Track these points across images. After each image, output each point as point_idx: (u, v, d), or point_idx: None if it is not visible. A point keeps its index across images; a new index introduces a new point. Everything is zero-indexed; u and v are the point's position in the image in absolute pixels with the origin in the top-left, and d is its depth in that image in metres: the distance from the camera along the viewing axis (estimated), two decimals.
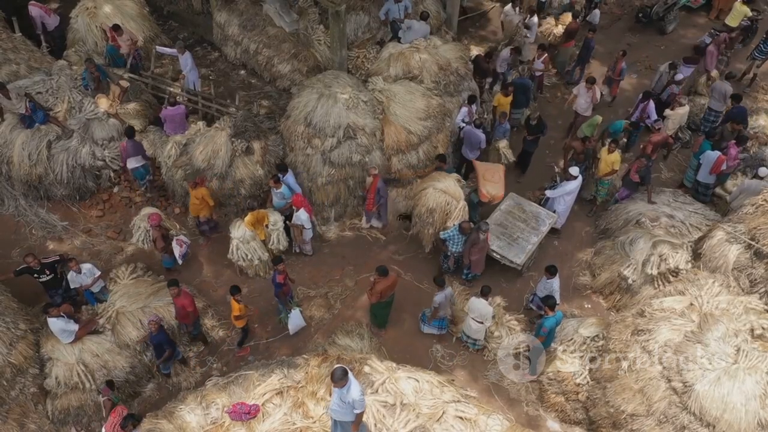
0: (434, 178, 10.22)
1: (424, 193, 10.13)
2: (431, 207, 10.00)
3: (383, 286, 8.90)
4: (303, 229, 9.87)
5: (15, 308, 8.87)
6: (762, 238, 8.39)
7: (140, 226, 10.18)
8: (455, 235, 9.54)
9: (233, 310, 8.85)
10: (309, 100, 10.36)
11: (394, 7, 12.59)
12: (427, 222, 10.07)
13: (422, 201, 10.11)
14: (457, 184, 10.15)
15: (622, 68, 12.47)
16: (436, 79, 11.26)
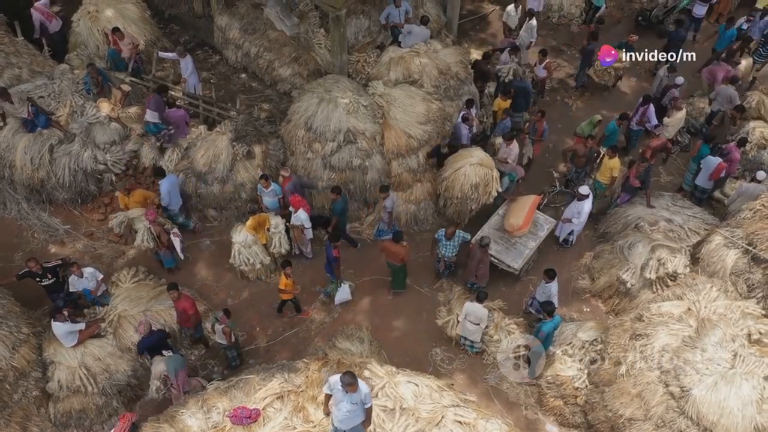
0: (463, 156, 10.47)
1: (461, 171, 10.35)
2: (474, 182, 10.30)
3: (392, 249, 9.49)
4: (303, 229, 9.93)
5: (18, 312, 8.95)
6: (759, 243, 8.44)
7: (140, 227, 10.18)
8: (442, 239, 9.61)
9: (280, 283, 9.30)
10: (309, 105, 10.42)
11: (394, 12, 12.63)
12: (471, 198, 10.41)
13: (461, 179, 10.34)
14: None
15: (544, 129, 11.69)
16: (436, 83, 11.32)
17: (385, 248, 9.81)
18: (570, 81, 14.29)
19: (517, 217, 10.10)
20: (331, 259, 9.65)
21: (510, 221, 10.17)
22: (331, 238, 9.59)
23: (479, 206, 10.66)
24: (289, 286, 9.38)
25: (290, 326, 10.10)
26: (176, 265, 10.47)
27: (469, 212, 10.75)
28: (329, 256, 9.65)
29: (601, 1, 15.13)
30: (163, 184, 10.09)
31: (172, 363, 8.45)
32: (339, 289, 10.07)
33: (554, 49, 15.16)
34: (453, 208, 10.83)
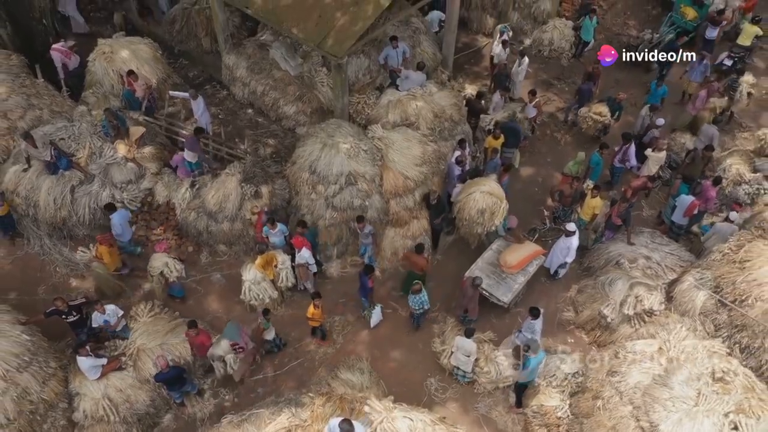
0: (478, 183, 11.42)
1: (471, 197, 11.25)
2: (481, 208, 11.19)
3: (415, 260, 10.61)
4: (308, 266, 10.72)
5: (46, 347, 9.72)
6: (725, 287, 9.22)
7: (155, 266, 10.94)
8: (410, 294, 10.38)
9: (308, 312, 10.24)
10: (313, 150, 11.20)
11: (392, 53, 13.38)
12: (477, 222, 11.26)
13: (471, 204, 11.25)
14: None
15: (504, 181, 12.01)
16: (431, 125, 12.09)
17: (407, 258, 10.96)
18: (559, 114, 15.06)
19: (513, 257, 10.88)
20: (366, 288, 10.63)
21: (506, 258, 10.93)
22: (366, 269, 10.52)
23: (485, 231, 11.45)
24: (317, 315, 10.27)
25: (295, 357, 10.89)
26: (184, 295, 11.26)
27: (477, 236, 11.58)
28: (364, 285, 10.62)
29: (589, 34, 15.94)
30: (115, 218, 10.90)
31: (232, 330, 9.72)
32: (373, 312, 10.98)
33: (545, 83, 15.97)
34: (463, 229, 11.69)
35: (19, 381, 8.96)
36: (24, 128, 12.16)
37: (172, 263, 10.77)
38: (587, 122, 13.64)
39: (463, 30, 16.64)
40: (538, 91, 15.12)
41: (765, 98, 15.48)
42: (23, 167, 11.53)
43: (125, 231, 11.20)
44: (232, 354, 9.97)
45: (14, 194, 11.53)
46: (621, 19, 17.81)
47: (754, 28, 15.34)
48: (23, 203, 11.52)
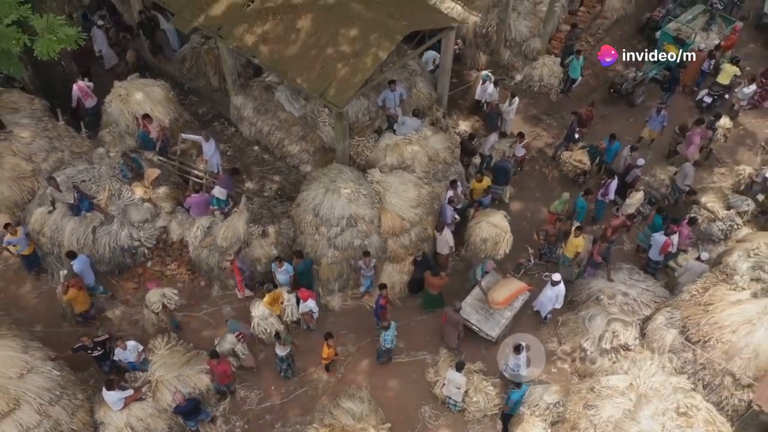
0: (486, 215, 12.64)
1: (478, 225, 12.41)
2: (485, 237, 12.33)
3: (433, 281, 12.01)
4: (312, 314, 11.67)
5: (73, 380, 10.66)
6: (691, 327, 10.16)
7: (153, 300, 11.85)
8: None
9: (323, 353, 11.26)
10: (317, 194, 12.14)
11: (390, 95, 14.31)
12: (480, 249, 12.40)
13: (477, 232, 12.42)
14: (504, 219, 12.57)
15: None
16: (426, 168, 13.03)
17: (425, 279, 12.11)
18: (548, 150, 15.99)
19: (500, 294, 11.82)
20: (378, 307, 11.64)
21: (493, 296, 11.88)
22: (380, 287, 11.68)
23: (487, 257, 12.48)
24: (330, 354, 11.26)
25: (300, 385, 11.83)
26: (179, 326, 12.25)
27: (481, 259, 12.60)
28: (376, 303, 11.70)
29: (576, 72, 16.86)
30: (75, 264, 11.71)
31: (233, 325, 11.49)
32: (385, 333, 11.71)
33: (534, 117, 16.90)
34: (469, 253, 12.89)
35: (52, 414, 9.89)
36: (47, 170, 13.14)
37: (169, 293, 11.73)
38: (567, 167, 14.56)
39: (458, 65, 17.56)
40: (528, 125, 16.13)
41: (742, 134, 16.42)
42: (48, 209, 12.45)
43: (87, 275, 12.02)
44: (239, 344, 11.42)
45: (40, 234, 12.46)
46: None
47: (733, 68, 16.25)
48: (48, 242, 12.45)
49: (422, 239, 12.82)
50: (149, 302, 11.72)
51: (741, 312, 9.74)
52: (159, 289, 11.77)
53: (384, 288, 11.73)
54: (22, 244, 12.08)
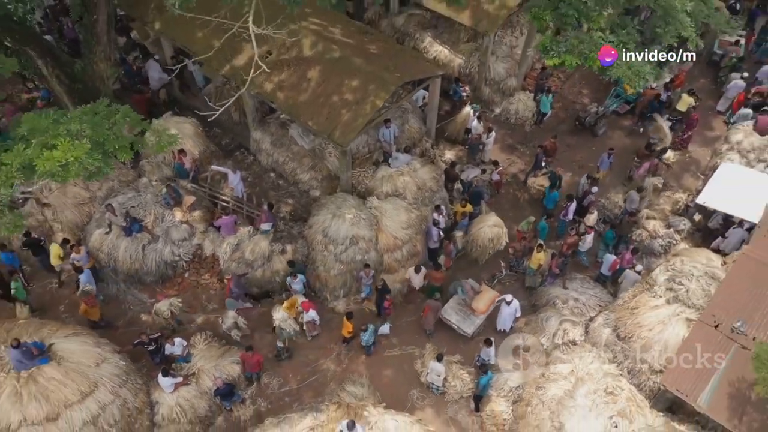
0: (483, 220, 15.88)
1: (481, 230, 15.78)
2: (490, 237, 15.64)
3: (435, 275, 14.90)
4: (314, 322, 14.42)
5: (133, 369, 13.43)
6: (621, 326, 12.91)
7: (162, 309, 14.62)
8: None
9: (345, 329, 14.13)
10: (325, 219, 14.91)
11: (386, 132, 17.05)
12: (489, 247, 15.69)
13: (482, 236, 15.72)
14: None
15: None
16: (415, 196, 15.79)
17: (429, 275, 14.89)
18: (521, 175, 18.76)
19: (482, 304, 14.58)
20: (384, 308, 14.55)
21: (476, 305, 14.63)
22: (383, 290, 14.45)
23: (494, 251, 15.63)
24: (351, 328, 14.13)
25: (312, 373, 14.57)
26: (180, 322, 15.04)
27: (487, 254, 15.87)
28: (380, 305, 14.63)
29: (546, 107, 19.63)
30: (82, 277, 14.21)
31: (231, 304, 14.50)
32: (383, 326, 14.69)
33: (510, 146, 19.66)
34: (475, 252, 15.96)
35: (121, 394, 12.64)
36: (101, 197, 15.90)
37: (174, 302, 14.60)
38: (532, 190, 17.35)
39: (445, 98, 20.29)
40: (505, 153, 18.93)
41: (688, 161, 19.18)
42: (106, 231, 15.22)
43: (93, 285, 14.49)
44: (239, 317, 14.41)
45: (99, 251, 15.23)
46: (576, 88, 21.48)
47: (690, 98, 19.09)
48: (106, 258, 15.22)
49: (412, 254, 15.58)
50: (159, 310, 14.54)
51: (657, 315, 12.49)
52: (167, 300, 14.59)
53: (387, 292, 14.49)
54: (84, 260, 14.83)
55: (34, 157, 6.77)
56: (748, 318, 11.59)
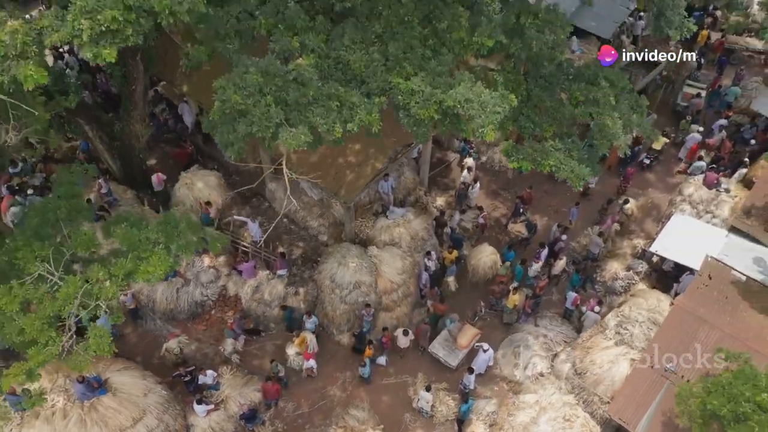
0: (479, 252, 18.62)
1: (480, 260, 18.52)
2: (489, 265, 18.17)
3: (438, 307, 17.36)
4: (312, 369, 17.03)
5: (172, 396, 16.08)
6: (578, 362, 15.53)
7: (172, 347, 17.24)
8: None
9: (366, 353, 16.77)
10: (332, 266, 17.53)
11: (385, 184, 19.62)
12: (488, 273, 18.53)
13: (481, 265, 18.54)
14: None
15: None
16: (409, 244, 18.40)
17: (434, 306, 17.52)
18: (503, 219, 21.37)
19: (464, 340, 17.20)
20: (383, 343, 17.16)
21: (459, 341, 17.27)
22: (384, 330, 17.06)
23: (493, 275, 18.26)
24: (369, 353, 16.74)
25: (321, 398, 17.20)
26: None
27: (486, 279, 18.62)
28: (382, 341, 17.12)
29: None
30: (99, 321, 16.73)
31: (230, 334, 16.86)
32: (380, 358, 17.21)
33: (494, 192, 22.26)
34: (475, 278, 18.70)
35: (164, 419, 15.27)
36: None
37: (183, 339, 17.24)
38: (512, 234, 19.99)
39: (437, 147, 22.89)
40: (489, 199, 21.53)
41: (650, 206, 21.79)
42: None
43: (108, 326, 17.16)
44: (237, 344, 16.89)
45: (140, 293, 17.87)
46: None
47: (663, 139, 21.85)
48: (146, 299, 17.87)
49: (406, 295, 18.21)
50: (169, 348, 17.03)
51: (607, 354, 15.11)
52: (176, 338, 17.16)
53: (386, 330, 17.11)
54: (129, 301, 17.47)
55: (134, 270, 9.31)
56: (678, 359, 14.20)
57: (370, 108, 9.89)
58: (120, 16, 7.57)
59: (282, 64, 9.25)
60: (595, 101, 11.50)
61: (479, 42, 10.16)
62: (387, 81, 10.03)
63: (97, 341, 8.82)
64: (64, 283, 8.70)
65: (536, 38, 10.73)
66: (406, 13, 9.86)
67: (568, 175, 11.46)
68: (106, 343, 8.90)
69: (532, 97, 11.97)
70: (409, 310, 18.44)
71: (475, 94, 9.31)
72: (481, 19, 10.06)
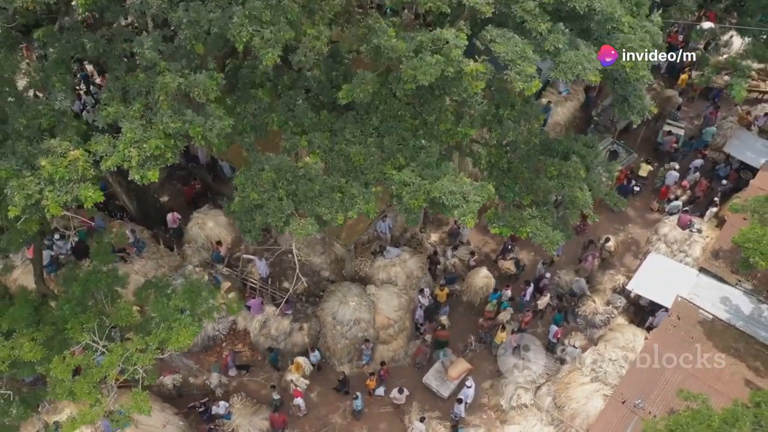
0: (476, 273, 20.33)
1: (475, 282, 20.13)
2: (481, 285, 19.71)
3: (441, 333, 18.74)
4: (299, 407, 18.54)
5: (188, 426, 17.64)
6: (557, 396, 17.08)
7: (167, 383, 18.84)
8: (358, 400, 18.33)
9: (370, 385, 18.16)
10: (334, 305, 19.09)
11: (383, 224, 21.19)
12: (481, 291, 19.84)
13: (475, 284, 20.21)
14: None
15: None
16: (405, 283, 19.98)
17: (437, 334, 18.99)
18: (492, 254, 22.91)
19: (455, 372, 18.77)
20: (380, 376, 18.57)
21: (450, 373, 18.83)
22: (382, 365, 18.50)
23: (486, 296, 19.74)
24: (372, 384, 18.21)
25: (323, 426, 18.76)
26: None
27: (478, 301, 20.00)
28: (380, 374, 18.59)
29: None
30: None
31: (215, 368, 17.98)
32: (378, 388, 18.64)
33: (484, 227, 23.66)
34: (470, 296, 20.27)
35: None
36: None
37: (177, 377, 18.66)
38: (502, 271, 21.56)
39: None
40: (480, 234, 23.06)
41: (630, 242, 23.35)
42: None
43: None
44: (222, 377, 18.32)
45: None
46: None
47: (648, 166, 23.46)
48: None
49: (402, 329, 19.77)
50: (164, 383, 18.45)
51: (583, 390, 16.67)
52: (171, 375, 18.63)
53: (384, 364, 18.66)
54: None
55: (167, 339, 10.85)
56: (646, 397, 15.77)
57: (368, 197, 11.44)
58: (162, 144, 9.14)
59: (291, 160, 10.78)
60: (567, 175, 13.06)
61: (463, 132, 11.74)
62: (382, 172, 11.57)
63: (138, 405, 10.38)
64: (108, 353, 10.23)
65: (513, 128, 12.31)
66: (399, 107, 11.40)
67: (542, 240, 13.00)
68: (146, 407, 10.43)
69: (512, 168, 13.53)
70: (405, 343, 19.97)
71: (458, 186, 10.88)
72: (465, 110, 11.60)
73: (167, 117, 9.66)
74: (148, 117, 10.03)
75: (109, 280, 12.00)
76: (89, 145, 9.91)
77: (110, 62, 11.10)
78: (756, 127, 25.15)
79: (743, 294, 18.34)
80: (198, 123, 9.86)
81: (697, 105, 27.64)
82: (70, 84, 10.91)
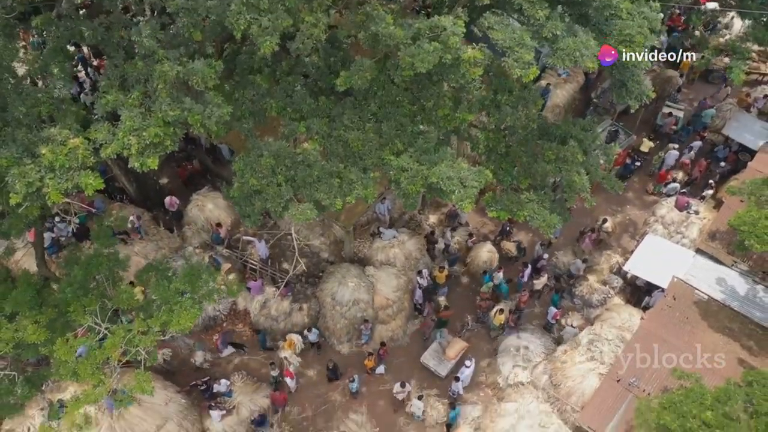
0: (480, 247, 20.67)
1: (478, 254, 20.52)
2: (485, 259, 19.84)
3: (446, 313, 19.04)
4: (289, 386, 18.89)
5: (190, 404, 17.99)
6: (554, 375, 17.39)
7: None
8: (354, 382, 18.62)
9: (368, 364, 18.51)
10: (333, 285, 19.31)
11: (381, 206, 21.33)
12: (484, 267, 20.14)
13: (478, 257, 20.72)
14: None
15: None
16: (403, 264, 20.17)
17: (442, 314, 19.37)
18: (491, 236, 23.07)
19: (452, 352, 19.07)
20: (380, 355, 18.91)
21: (448, 353, 19.14)
22: (382, 345, 18.79)
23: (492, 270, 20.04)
24: (371, 364, 18.54)
25: (323, 403, 19.12)
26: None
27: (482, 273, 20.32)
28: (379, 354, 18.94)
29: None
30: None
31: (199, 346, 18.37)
32: (378, 367, 19.01)
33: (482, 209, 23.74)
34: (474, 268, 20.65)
35: (184, 425, 17.19)
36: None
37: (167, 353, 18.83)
38: (503, 252, 21.75)
39: None
40: (478, 215, 23.22)
41: (627, 223, 23.50)
42: None
43: None
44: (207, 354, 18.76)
45: None
46: None
47: (649, 143, 23.66)
48: None
49: (401, 309, 20.03)
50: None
51: (579, 369, 16.96)
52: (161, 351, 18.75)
53: (384, 345, 18.95)
54: None
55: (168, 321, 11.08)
56: (641, 375, 16.07)
57: (367, 182, 11.54)
58: (161, 132, 9.21)
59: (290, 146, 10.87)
60: (565, 159, 13.14)
61: (461, 117, 11.78)
62: (380, 158, 11.66)
63: (140, 385, 10.64)
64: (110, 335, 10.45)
65: (511, 113, 12.35)
66: (397, 93, 11.43)
67: (540, 224, 13.15)
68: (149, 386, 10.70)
69: (510, 152, 13.60)
70: (403, 323, 20.25)
71: (456, 171, 10.98)
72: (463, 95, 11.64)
73: (166, 105, 9.74)
74: (147, 105, 10.10)
75: (111, 264, 12.17)
76: (89, 133, 10.00)
77: (108, 50, 11.11)
78: (755, 109, 25.11)
79: (739, 275, 18.55)
80: (197, 111, 9.94)
81: (697, 86, 27.55)
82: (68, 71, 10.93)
